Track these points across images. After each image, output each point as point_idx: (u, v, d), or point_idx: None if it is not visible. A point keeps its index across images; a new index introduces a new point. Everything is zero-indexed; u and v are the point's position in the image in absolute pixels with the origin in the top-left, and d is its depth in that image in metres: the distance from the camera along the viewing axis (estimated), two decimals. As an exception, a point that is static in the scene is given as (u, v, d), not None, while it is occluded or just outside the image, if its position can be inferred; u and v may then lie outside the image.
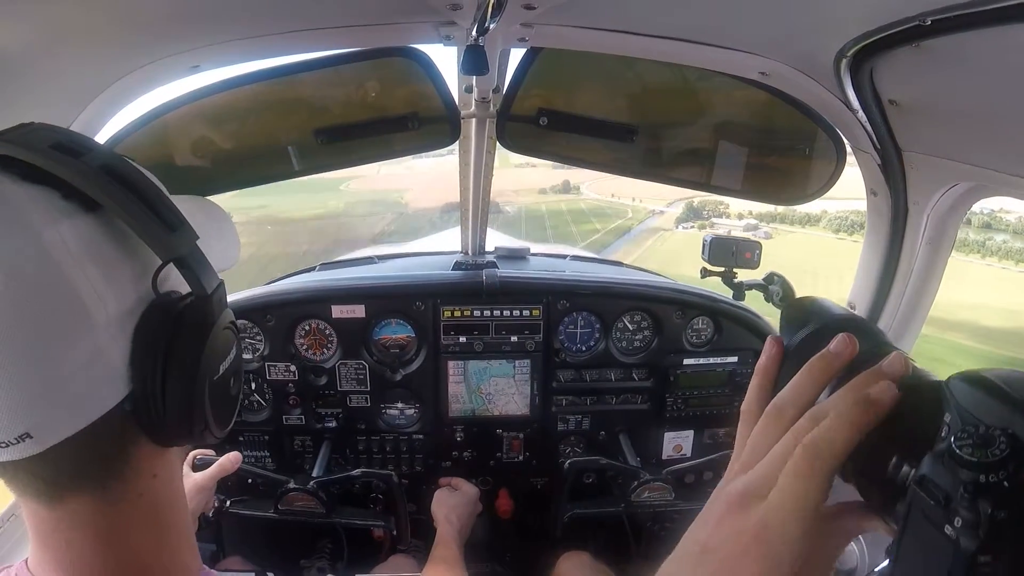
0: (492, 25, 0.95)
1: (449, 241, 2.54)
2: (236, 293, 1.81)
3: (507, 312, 1.79)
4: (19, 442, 0.48)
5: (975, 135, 1.02)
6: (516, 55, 1.34)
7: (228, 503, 1.62)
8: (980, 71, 0.87)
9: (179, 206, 0.58)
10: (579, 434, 1.93)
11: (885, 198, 1.34)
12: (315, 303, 1.76)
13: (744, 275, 1.40)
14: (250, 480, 1.70)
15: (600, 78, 1.47)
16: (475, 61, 1.08)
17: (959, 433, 0.34)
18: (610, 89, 1.50)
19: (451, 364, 1.82)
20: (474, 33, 1.01)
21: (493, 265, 1.93)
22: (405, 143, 1.53)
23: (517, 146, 1.55)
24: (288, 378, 1.80)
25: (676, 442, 1.95)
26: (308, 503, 1.61)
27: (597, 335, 1.85)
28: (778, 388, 0.46)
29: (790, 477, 0.40)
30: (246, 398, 1.81)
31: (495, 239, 2.17)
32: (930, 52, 0.88)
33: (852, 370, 0.43)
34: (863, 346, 0.45)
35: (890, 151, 1.23)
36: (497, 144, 1.60)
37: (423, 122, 1.44)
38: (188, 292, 0.57)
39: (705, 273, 1.43)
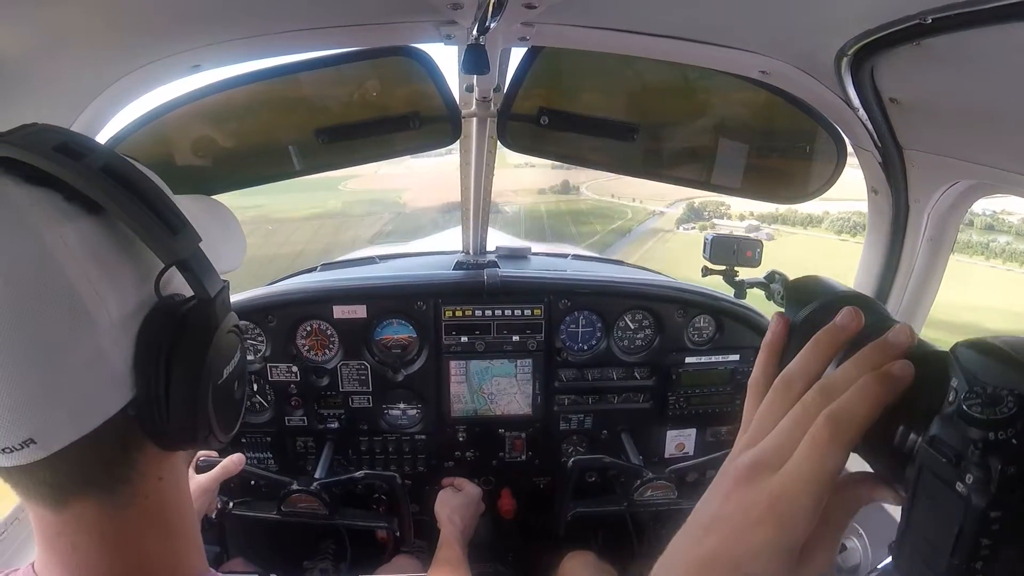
0: (493, 24, 0.95)
1: (450, 241, 2.54)
2: (236, 294, 1.81)
3: (508, 312, 1.79)
4: (23, 447, 0.48)
5: (976, 133, 1.02)
6: (517, 54, 1.34)
7: (231, 505, 1.61)
8: (981, 69, 0.87)
9: (184, 206, 0.57)
10: (581, 433, 1.93)
11: (886, 196, 1.34)
12: (316, 303, 1.76)
13: (745, 273, 1.40)
14: (253, 482, 1.69)
15: (601, 77, 1.47)
16: (476, 60, 1.08)
17: (967, 394, 0.35)
18: (611, 88, 1.50)
19: (453, 364, 1.82)
20: (475, 32, 1.00)
21: (494, 265, 1.93)
22: (406, 142, 1.53)
23: (518, 145, 1.55)
24: (290, 379, 1.80)
25: (678, 440, 1.95)
26: (311, 504, 1.61)
27: (599, 334, 1.85)
28: (784, 363, 0.46)
29: (809, 448, 0.40)
30: (248, 399, 1.81)
31: (496, 239, 2.17)
32: (931, 50, 0.88)
33: (857, 343, 0.43)
34: (868, 319, 0.45)
35: (891, 149, 1.23)
36: (497, 143, 1.60)
37: (424, 121, 1.44)
38: (191, 295, 0.57)
39: (706, 272, 1.43)
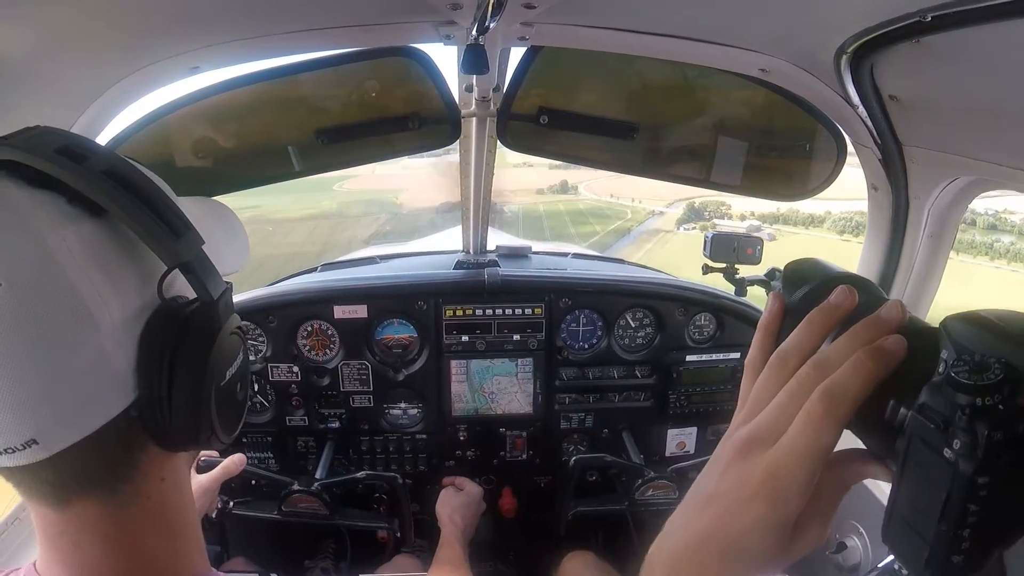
0: (492, 24, 0.95)
1: (450, 240, 2.54)
2: (235, 294, 1.81)
3: (509, 311, 1.79)
4: (25, 448, 0.48)
5: (975, 129, 1.03)
6: (516, 54, 1.34)
7: (232, 504, 1.61)
8: (980, 66, 0.87)
9: (187, 208, 0.57)
10: (582, 432, 1.93)
11: (886, 193, 1.34)
12: (317, 304, 1.76)
13: (746, 271, 1.41)
14: (254, 481, 1.69)
15: (600, 76, 1.47)
16: (475, 60, 1.07)
17: (955, 361, 0.36)
18: (610, 87, 1.50)
19: (453, 363, 1.82)
20: (474, 32, 1.00)
21: (495, 264, 1.93)
22: (406, 143, 1.53)
23: (518, 145, 1.55)
24: (291, 379, 1.80)
25: (679, 439, 1.95)
26: (312, 504, 1.61)
27: (599, 333, 1.86)
28: (780, 343, 0.47)
29: (803, 423, 0.41)
30: (249, 399, 1.80)
31: (496, 238, 2.17)
32: (930, 48, 0.88)
33: (851, 321, 0.44)
34: (861, 298, 0.46)
35: (890, 146, 1.23)
36: (497, 143, 1.60)
37: (424, 121, 1.44)
38: (194, 297, 0.57)
39: (707, 269, 1.43)
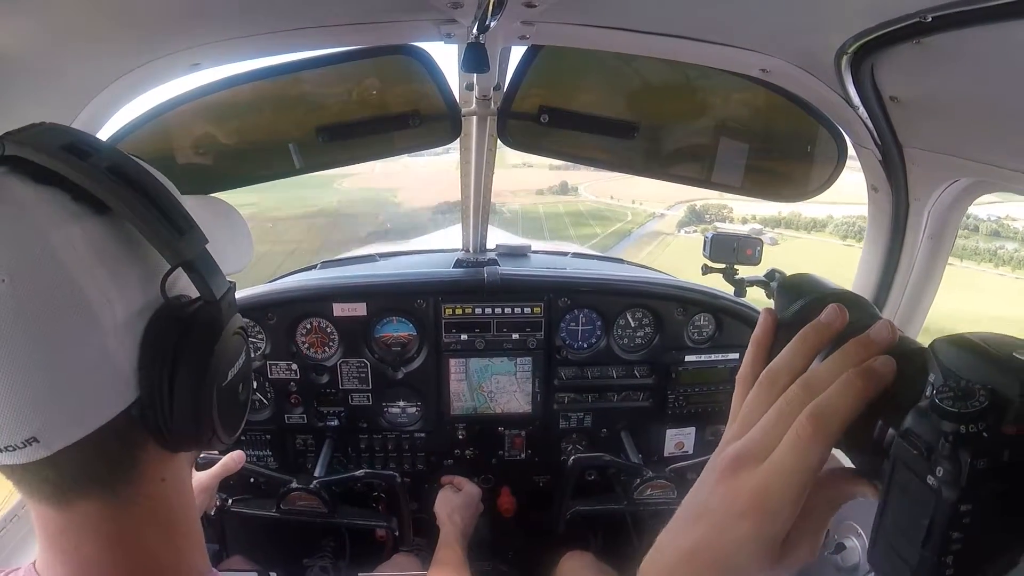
0: (493, 23, 0.95)
1: (450, 238, 2.54)
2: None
3: (508, 309, 1.79)
4: (26, 446, 0.48)
5: (976, 131, 1.03)
6: (517, 52, 1.34)
7: (230, 502, 1.62)
8: (980, 67, 0.87)
9: (191, 207, 0.57)
10: (581, 431, 1.93)
11: (886, 194, 1.35)
12: (316, 301, 1.76)
13: (745, 272, 1.41)
14: (252, 479, 1.70)
15: (601, 75, 1.47)
16: (476, 59, 1.08)
17: (940, 387, 0.35)
18: (611, 86, 1.49)
19: (452, 362, 1.82)
20: (475, 31, 1.00)
21: (494, 262, 1.93)
22: (406, 141, 1.53)
23: (518, 144, 1.55)
24: (290, 377, 1.80)
25: (678, 439, 1.95)
26: (310, 502, 1.61)
27: (598, 332, 1.86)
28: (772, 358, 0.47)
29: (792, 442, 0.41)
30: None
31: (496, 237, 2.17)
32: (931, 49, 0.88)
33: (842, 340, 0.44)
34: (853, 316, 0.46)
35: (891, 147, 1.23)
36: (497, 142, 1.60)
37: (424, 120, 1.44)
38: (197, 296, 0.57)
39: (706, 269, 1.43)
